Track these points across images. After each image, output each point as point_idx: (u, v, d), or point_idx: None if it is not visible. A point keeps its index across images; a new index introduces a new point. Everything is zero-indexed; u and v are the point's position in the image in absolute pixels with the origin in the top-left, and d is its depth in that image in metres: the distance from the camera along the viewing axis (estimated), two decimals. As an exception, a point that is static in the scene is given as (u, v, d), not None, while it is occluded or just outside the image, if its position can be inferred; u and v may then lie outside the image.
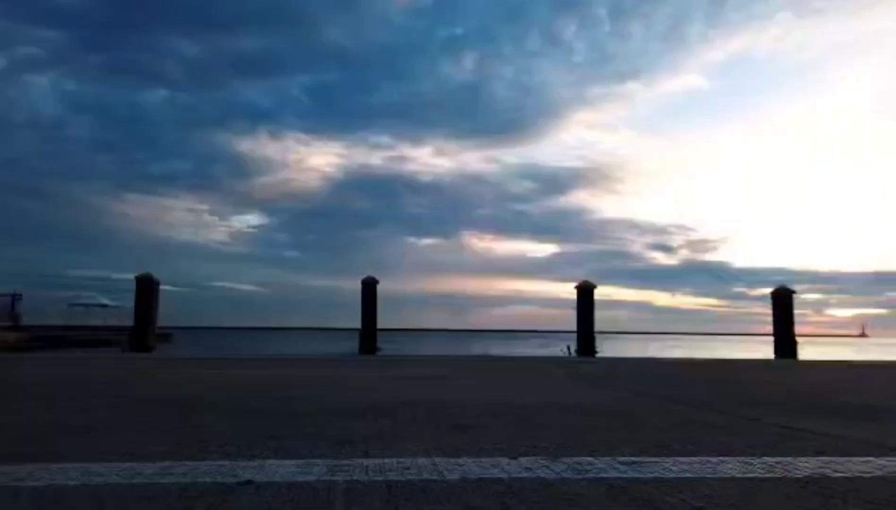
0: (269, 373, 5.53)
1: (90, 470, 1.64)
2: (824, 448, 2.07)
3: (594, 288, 13.44)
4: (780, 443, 2.16)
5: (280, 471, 1.65)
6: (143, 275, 12.14)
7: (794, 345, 12.89)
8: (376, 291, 13.07)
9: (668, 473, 1.65)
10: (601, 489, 1.48)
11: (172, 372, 5.58)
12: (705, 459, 1.85)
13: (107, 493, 1.41)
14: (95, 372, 5.56)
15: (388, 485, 1.49)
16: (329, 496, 1.40)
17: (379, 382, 4.66)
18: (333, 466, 1.70)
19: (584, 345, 13.28)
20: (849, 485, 1.53)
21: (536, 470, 1.68)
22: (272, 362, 7.41)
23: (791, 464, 1.79)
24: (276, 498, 1.38)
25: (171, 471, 1.64)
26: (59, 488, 1.46)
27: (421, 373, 5.69)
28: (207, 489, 1.45)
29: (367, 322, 13.03)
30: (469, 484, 1.52)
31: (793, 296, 13.08)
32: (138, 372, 5.51)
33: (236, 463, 1.74)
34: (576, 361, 9.25)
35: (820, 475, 1.65)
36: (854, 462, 1.83)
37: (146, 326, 12.12)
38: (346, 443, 2.07)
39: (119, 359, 8.82)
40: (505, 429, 2.43)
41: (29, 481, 1.52)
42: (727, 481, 1.57)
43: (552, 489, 1.47)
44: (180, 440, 2.11)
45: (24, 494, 1.40)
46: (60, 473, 1.61)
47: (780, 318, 13.10)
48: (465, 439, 2.18)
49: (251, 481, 1.53)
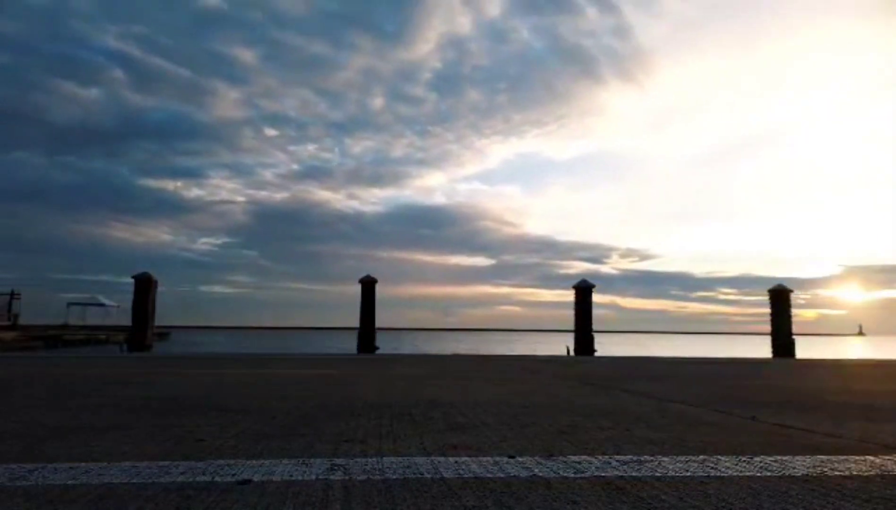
0: (267, 372, 5.53)
1: (88, 469, 1.64)
2: (821, 446, 2.08)
3: (592, 287, 13.47)
4: (777, 442, 2.16)
5: (278, 470, 1.65)
6: (142, 274, 12.13)
7: (791, 343, 12.93)
8: (375, 291, 13.09)
9: (667, 472, 1.65)
10: (600, 488, 1.48)
11: (170, 370, 5.57)
12: (703, 458, 1.85)
13: (105, 493, 1.41)
14: (93, 370, 5.55)
15: (387, 484, 1.49)
16: (327, 495, 1.40)
17: (377, 381, 4.66)
18: (332, 465, 1.70)
19: (582, 345, 13.31)
20: (846, 484, 1.54)
21: (535, 469, 1.68)
22: (270, 361, 7.40)
23: (788, 462, 1.80)
24: (275, 497, 1.38)
25: (170, 470, 1.64)
26: (58, 488, 1.45)
27: (419, 372, 5.70)
28: (206, 488, 1.45)
29: (365, 321, 13.05)
30: (468, 483, 1.52)
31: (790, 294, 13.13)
32: (136, 370, 5.50)
33: (235, 462, 1.74)
34: (574, 361, 9.26)
35: (818, 473, 1.65)
36: (851, 460, 1.84)
37: (144, 325, 12.11)
38: (344, 442, 2.07)
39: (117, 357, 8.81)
40: (503, 428, 2.43)
41: (27, 481, 1.52)
42: (725, 480, 1.57)
43: (551, 488, 1.48)
44: (178, 439, 2.11)
45: (21, 494, 1.40)
46: (58, 473, 1.60)
47: (776, 317, 13.15)
48: (464, 438, 2.18)
49: (249, 480, 1.53)
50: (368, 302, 13.05)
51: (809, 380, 5.47)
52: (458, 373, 5.77)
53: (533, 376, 5.48)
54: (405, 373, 5.67)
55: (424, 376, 5.27)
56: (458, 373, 5.77)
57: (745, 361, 9.55)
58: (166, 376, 5.00)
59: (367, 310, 13.04)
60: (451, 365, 7.11)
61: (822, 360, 10.26)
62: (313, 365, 6.73)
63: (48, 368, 5.85)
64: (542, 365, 7.43)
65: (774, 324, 13.14)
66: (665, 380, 5.16)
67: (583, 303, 13.40)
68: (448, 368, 6.43)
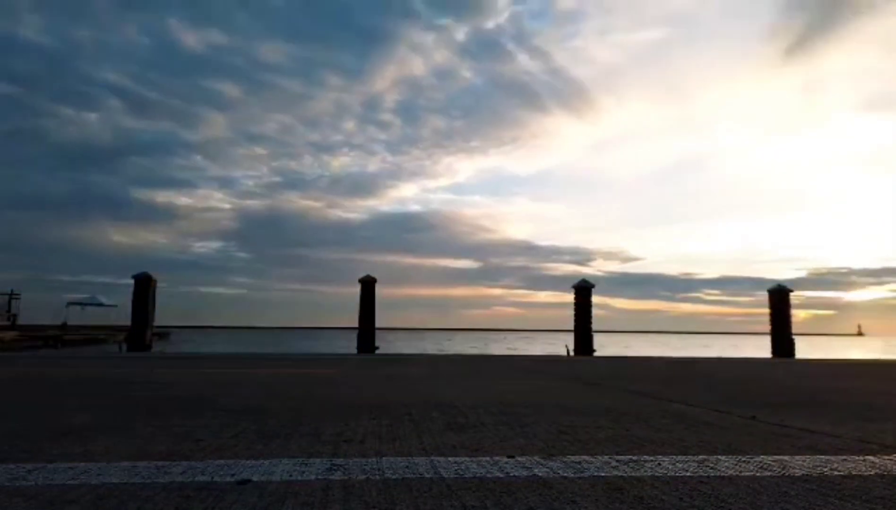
0: (266, 372, 5.53)
1: (87, 469, 1.64)
2: (821, 446, 2.08)
3: (592, 287, 13.47)
4: (777, 442, 2.16)
5: (278, 469, 1.64)
6: (141, 274, 12.13)
7: (791, 343, 12.94)
8: (374, 290, 13.08)
9: (667, 472, 1.65)
10: (600, 488, 1.48)
11: (169, 370, 5.57)
12: (703, 458, 1.85)
13: (105, 493, 1.41)
14: (92, 370, 5.54)
15: (386, 484, 1.49)
16: (327, 495, 1.39)
17: (376, 381, 4.66)
18: (331, 465, 1.70)
19: (581, 344, 13.32)
20: (846, 484, 1.54)
21: (534, 468, 1.68)
22: (269, 360, 7.40)
23: (788, 462, 1.80)
24: (274, 496, 1.38)
25: (169, 470, 1.63)
26: (57, 487, 1.45)
27: (418, 372, 5.70)
28: (205, 488, 1.45)
29: (365, 321, 13.04)
30: (467, 483, 1.52)
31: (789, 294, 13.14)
32: (135, 370, 5.50)
33: (234, 461, 1.74)
34: (574, 360, 9.26)
35: (817, 473, 1.65)
36: (851, 460, 1.83)
37: (144, 324, 12.11)
38: (343, 442, 2.07)
39: (116, 357, 8.80)
40: (502, 427, 2.43)
41: (26, 480, 1.52)
42: (724, 480, 1.57)
43: (551, 488, 1.47)
44: (177, 439, 2.11)
45: (21, 494, 1.40)
46: (57, 472, 1.60)
47: (776, 317, 13.15)
48: (463, 438, 2.18)
49: (249, 480, 1.53)
50: (368, 302, 13.03)
51: (808, 379, 5.47)
52: (457, 372, 5.77)
53: (532, 376, 5.48)
54: (404, 372, 5.67)
55: (424, 376, 5.27)
56: (457, 372, 5.77)
57: (745, 361, 9.55)
58: (166, 376, 5.00)
59: (367, 310, 13.02)
60: (449, 365, 7.11)
61: (822, 360, 10.26)
62: (313, 365, 6.72)
63: (46, 368, 5.84)
64: (541, 364, 7.43)
65: (774, 324, 13.15)
66: (664, 380, 5.16)
67: (582, 304, 13.40)
68: (447, 368, 6.42)
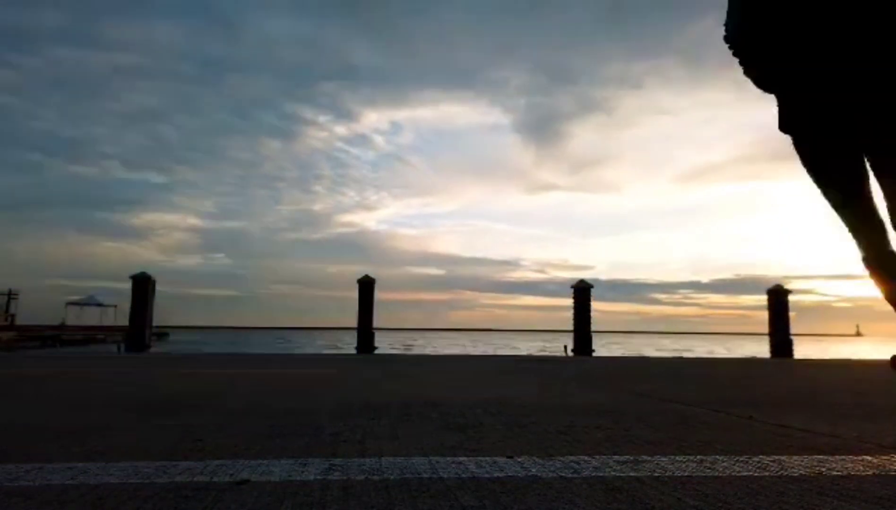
0: (265, 372, 5.53)
1: (86, 469, 1.64)
2: (820, 446, 2.08)
3: (591, 288, 13.48)
4: (775, 442, 2.17)
5: (276, 470, 1.64)
6: (140, 274, 12.12)
7: (789, 343, 12.96)
8: (373, 290, 13.07)
9: (665, 472, 1.65)
10: (599, 488, 1.48)
11: (168, 370, 5.57)
12: (701, 458, 1.85)
13: (104, 493, 1.41)
14: (91, 370, 5.54)
15: (385, 484, 1.49)
16: (325, 495, 1.39)
17: (375, 381, 4.66)
18: (330, 466, 1.70)
19: (580, 344, 13.33)
20: (845, 484, 1.54)
21: (533, 469, 1.68)
22: (268, 361, 7.40)
23: (787, 462, 1.80)
24: (273, 496, 1.37)
25: (168, 470, 1.63)
26: (56, 488, 1.45)
27: (417, 372, 5.70)
28: (204, 488, 1.45)
29: (363, 321, 13.04)
30: (466, 483, 1.52)
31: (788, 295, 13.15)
32: (134, 370, 5.49)
33: (233, 462, 1.74)
34: (573, 360, 9.26)
35: (816, 474, 1.65)
36: (849, 460, 1.84)
37: (142, 324, 12.10)
38: (342, 443, 2.07)
39: (115, 357, 8.79)
40: (501, 427, 2.43)
41: (25, 481, 1.52)
42: (724, 480, 1.57)
43: (550, 488, 1.47)
44: (177, 439, 2.11)
45: (20, 494, 1.40)
46: (57, 473, 1.60)
47: (775, 317, 13.17)
48: (462, 438, 2.18)
49: (248, 480, 1.52)
50: (366, 302, 13.03)
51: (807, 379, 5.48)
52: (456, 372, 5.77)
53: (531, 375, 5.48)
54: (403, 372, 5.67)
55: (422, 376, 5.27)
56: (456, 372, 5.77)
57: (744, 361, 9.56)
58: (164, 376, 5.00)
59: (365, 311, 13.02)
60: (448, 365, 7.11)
61: (820, 360, 10.27)
62: (312, 365, 6.72)
63: (44, 368, 5.83)
64: (540, 364, 7.43)
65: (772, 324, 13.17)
66: (663, 379, 5.16)
67: (581, 304, 13.42)
68: (446, 368, 6.42)
